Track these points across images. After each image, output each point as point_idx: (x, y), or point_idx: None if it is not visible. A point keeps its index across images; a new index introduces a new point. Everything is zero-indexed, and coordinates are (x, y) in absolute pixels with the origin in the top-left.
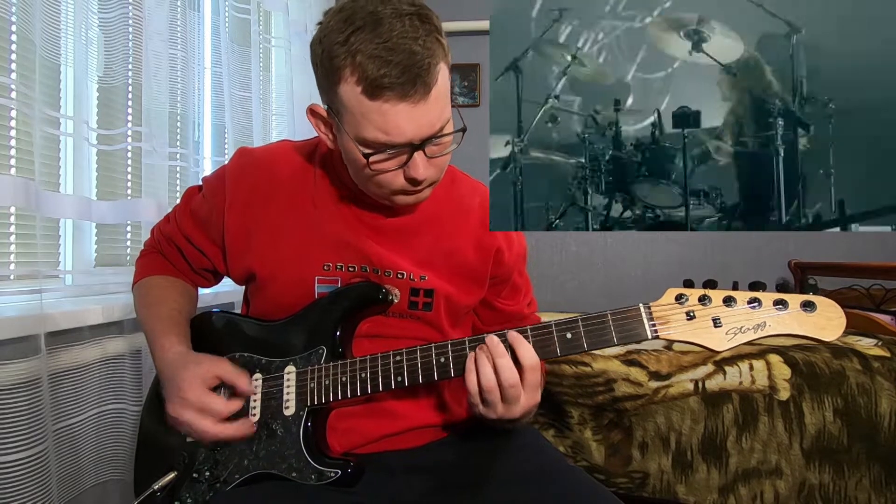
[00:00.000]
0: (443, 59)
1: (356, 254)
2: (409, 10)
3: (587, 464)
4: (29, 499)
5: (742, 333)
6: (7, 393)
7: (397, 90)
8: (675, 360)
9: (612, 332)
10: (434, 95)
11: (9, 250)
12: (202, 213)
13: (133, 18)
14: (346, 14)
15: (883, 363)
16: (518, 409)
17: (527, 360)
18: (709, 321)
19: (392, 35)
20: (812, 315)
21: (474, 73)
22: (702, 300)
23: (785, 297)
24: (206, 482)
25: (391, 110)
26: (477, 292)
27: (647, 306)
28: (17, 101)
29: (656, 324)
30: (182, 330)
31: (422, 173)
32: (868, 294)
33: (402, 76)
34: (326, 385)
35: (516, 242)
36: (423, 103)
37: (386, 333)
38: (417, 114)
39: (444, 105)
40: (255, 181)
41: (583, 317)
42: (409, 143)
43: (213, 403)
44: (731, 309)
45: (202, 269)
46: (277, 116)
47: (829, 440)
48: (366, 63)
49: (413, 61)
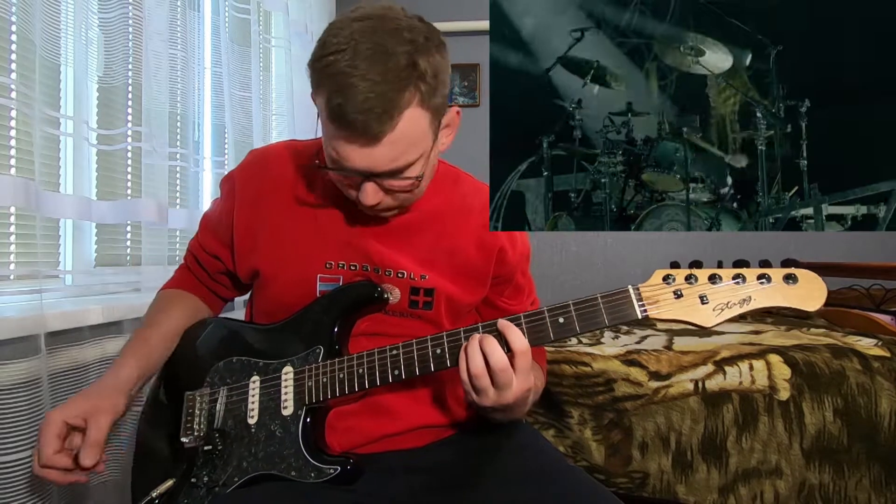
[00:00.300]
0: (418, 106)
1: (358, 253)
2: (400, 50)
3: (587, 464)
4: (29, 499)
5: (729, 309)
6: (7, 393)
7: (347, 129)
8: (675, 360)
9: (604, 314)
10: (389, 140)
11: (9, 250)
12: (215, 218)
13: (133, 18)
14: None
15: (883, 363)
16: (510, 394)
17: (517, 344)
18: (696, 299)
19: (365, 71)
20: (794, 287)
21: (474, 73)
22: (688, 279)
23: (767, 272)
24: (205, 486)
25: (343, 141)
26: (479, 291)
27: (635, 287)
28: (17, 101)
29: (645, 304)
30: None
31: (369, 200)
32: (868, 294)
33: (357, 115)
34: (324, 383)
35: (520, 242)
36: (374, 146)
37: (385, 332)
38: (367, 153)
39: (406, 149)
40: (260, 181)
41: (574, 301)
42: (360, 172)
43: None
44: (717, 286)
45: (217, 273)
46: (277, 116)
47: (829, 440)
48: (331, 89)
49: (370, 105)
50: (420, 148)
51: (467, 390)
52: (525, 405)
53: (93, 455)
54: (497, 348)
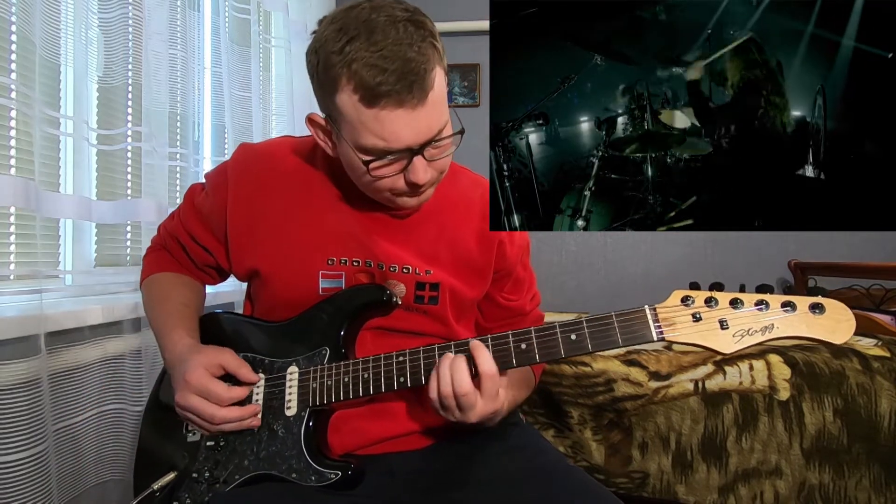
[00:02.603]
0: (438, 64)
1: (360, 248)
2: (402, 16)
3: (587, 464)
4: (29, 499)
5: (749, 336)
6: (7, 393)
7: (394, 97)
8: (675, 360)
9: (618, 334)
10: (431, 100)
11: (9, 250)
12: (205, 210)
13: (133, 18)
14: (340, 23)
15: (883, 363)
16: (473, 415)
17: (484, 367)
18: (715, 323)
19: (387, 42)
20: (821, 317)
21: (474, 73)
22: (708, 302)
23: (793, 300)
24: (206, 482)
25: (388, 117)
26: (481, 285)
27: (652, 308)
28: (17, 101)
29: (661, 325)
30: (190, 324)
31: (422, 177)
32: (868, 294)
33: (398, 83)
34: (329, 385)
35: (517, 235)
36: (421, 108)
37: (391, 326)
38: (415, 119)
39: (442, 109)
40: (257, 176)
41: (587, 318)
42: (408, 149)
43: (216, 388)
44: (738, 311)
45: (205, 266)
46: (277, 116)
47: (829, 440)
48: (362, 71)
49: (409, 68)
50: (447, 107)
51: (434, 407)
52: (492, 422)
53: (249, 371)
54: (463, 371)
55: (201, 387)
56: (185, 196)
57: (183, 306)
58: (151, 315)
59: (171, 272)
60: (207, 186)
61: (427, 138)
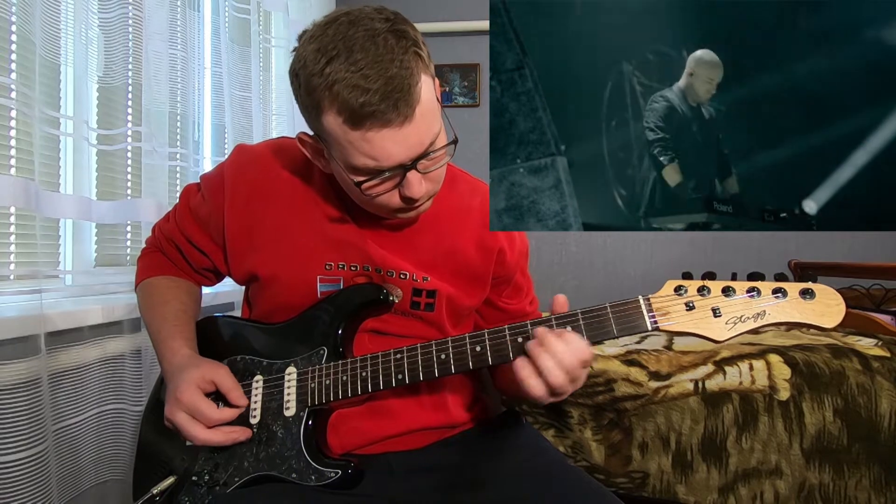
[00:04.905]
0: (424, 72)
1: (358, 253)
2: (382, 27)
3: (587, 464)
4: (29, 499)
5: (742, 322)
6: (7, 393)
7: (380, 117)
8: (675, 360)
9: (613, 325)
10: (419, 113)
11: (9, 250)
12: (202, 213)
13: (133, 18)
14: (318, 42)
15: (883, 363)
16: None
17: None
18: (708, 311)
19: (368, 60)
20: (811, 302)
21: (474, 73)
22: (701, 291)
23: (783, 286)
24: (206, 485)
25: (376, 137)
26: (479, 293)
27: (646, 298)
28: (17, 101)
29: (656, 315)
30: (187, 332)
31: (417, 191)
32: (868, 294)
33: (382, 102)
34: (327, 385)
35: (518, 241)
36: (409, 125)
37: (387, 330)
38: (404, 137)
39: (432, 120)
40: (254, 179)
41: (583, 310)
42: (401, 165)
43: (205, 409)
44: (730, 299)
45: (202, 269)
46: (277, 116)
47: (829, 440)
48: (344, 93)
49: (393, 85)
50: (437, 116)
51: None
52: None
53: (240, 395)
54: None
55: (191, 405)
56: (181, 197)
57: (181, 313)
58: (148, 320)
59: (168, 276)
60: (203, 189)
61: (419, 153)
